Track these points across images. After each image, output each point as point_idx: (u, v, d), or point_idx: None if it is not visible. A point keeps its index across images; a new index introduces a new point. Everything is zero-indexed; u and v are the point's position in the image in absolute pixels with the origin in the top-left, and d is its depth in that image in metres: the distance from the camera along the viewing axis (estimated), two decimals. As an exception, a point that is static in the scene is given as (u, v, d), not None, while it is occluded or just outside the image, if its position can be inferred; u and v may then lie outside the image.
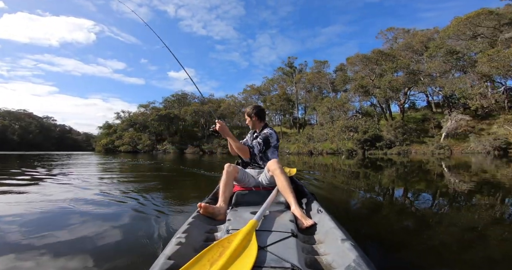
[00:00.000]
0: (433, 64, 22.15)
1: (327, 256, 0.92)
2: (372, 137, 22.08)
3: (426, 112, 24.06)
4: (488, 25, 20.42)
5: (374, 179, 4.90)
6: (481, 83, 19.19)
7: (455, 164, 8.42)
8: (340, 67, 32.91)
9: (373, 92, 24.48)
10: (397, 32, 33.65)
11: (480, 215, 2.13)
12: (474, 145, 16.64)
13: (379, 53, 25.85)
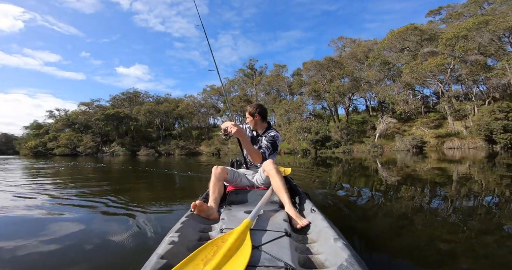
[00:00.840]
0: (371, 73, 25.69)
1: (320, 255, 0.93)
2: (322, 137, 24.32)
3: (365, 116, 27.81)
4: (413, 39, 24.28)
5: (334, 175, 5.44)
6: (404, 91, 23.15)
7: (386, 160, 9.79)
8: (297, 72, 35.23)
9: (324, 96, 27.01)
10: (346, 41, 37.66)
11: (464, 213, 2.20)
12: (399, 144, 19.93)
13: (330, 60, 28.63)
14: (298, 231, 1.20)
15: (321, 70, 28.84)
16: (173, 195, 3.38)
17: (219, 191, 1.56)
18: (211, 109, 38.26)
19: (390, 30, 27.23)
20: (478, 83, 20.45)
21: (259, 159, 1.78)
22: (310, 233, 1.17)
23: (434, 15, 30.66)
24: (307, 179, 4.63)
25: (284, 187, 1.48)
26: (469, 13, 25.84)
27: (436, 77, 20.73)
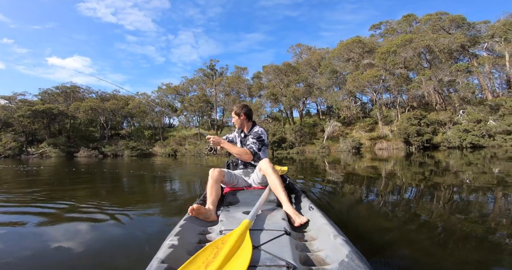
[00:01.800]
0: (322, 79, 28.36)
1: (320, 252, 0.93)
2: (279, 139, 25.76)
3: (316, 119, 30.62)
4: (357, 51, 27.25)
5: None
6: (348, 98, 26.35)
7: (332, 159, 10.99)
8: (257, 75, 36.31)
9: (281, 100, 28.60)
10: (303, 48, 40.36)
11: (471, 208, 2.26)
12: (342, 145, 22.61)
13: (288, 66, 30.44)
14: (297, 229, 1.20)
15: (280, 74, 30.47)
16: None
17: (216, 193, 1.57)
18: (166, 108, 36.17)
19: (340, 40, 30.50)
20: (401, 93, 24.74)
21: (249, 157, 1.83)
22: (309, 230, 1.18)
23: (375, 29, 33.34)
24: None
25: (281, 185, 1.51)
26: (401, 30, 29.61)
27: (372, 87, 24.25)
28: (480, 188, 3.16)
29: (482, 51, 23.86)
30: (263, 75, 34.40)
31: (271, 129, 26.06)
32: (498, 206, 2.41)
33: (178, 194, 3.54)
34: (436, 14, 25.60)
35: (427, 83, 21.05)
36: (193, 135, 33.24)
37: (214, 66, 38.56)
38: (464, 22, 23.85)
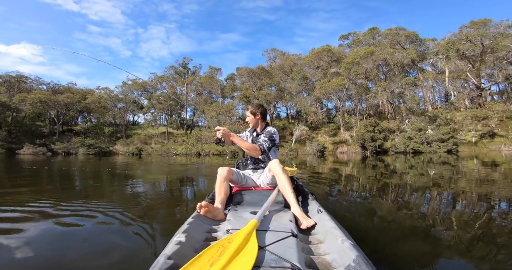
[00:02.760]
0: (293, 85, 29.76)
1: (327, 255, 0.93)
2: (250, 140, 26.20)
3: (285, 123, 32.05)
4: (326, 59, 29.06)
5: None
6: (315, 104, 28.14)
7: (299, 162, 11.52)
8: (231, 76, 36.44)
9: (253, 102, 29.22)
10: (277, 53, 41.62)
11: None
12: (308, 148, 24.06)
13: (262, 69, 31.24)
14: (304, 231, 1.21)
15: (253, 77, 31.12)
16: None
17: (225, 192, 1.59)
18: (131, 105, 34.01)
19: (312, 48, 32.26)
20: (361, 102, 27.36)
21: (258, 153, 1.83)
22: (316, 233, 1.18)
23: (344, 39, 35.09)
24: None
25: (290, 187, 1.51)
26: (365, 42, 32.11)
27: (336, 94, 26.33)
28: (419, 188, 3.90)
29: (428, 66, 27.69)
30: (237, 77, 34.73)
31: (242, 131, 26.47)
32: (433, 203, 2.83)
33: (140, 194, 3.60)
34: (395, 29, 28.67)
35: (382, 94, 23.72)
36: (161, 133, 31.91)
37: (187, 65, 37.63)
38: (417, 38, 27.29)
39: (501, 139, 18.96)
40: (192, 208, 2.43)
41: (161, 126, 34.79)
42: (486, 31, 22.15)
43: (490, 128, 19.68)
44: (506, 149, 17.80)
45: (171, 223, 2.09)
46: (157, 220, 2.18)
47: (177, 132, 33.83)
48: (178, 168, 8.87)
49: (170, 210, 2.60)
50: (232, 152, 25.11)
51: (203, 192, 3.75)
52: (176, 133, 33.24)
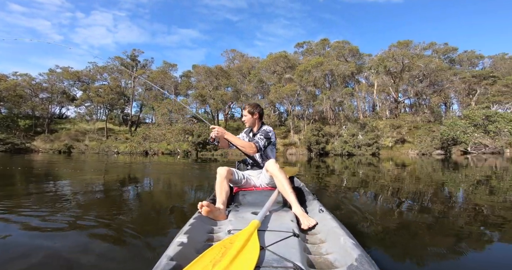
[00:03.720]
0: (249, 87, 30.51)
1: (329, 255, 0.92)
2: (204, 140, 25.64)
3: (240, 123, 32.57)
4: (282, 65, 30.60)
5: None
6: (269, 107, 29.54)
7: None
8: (187, 73, 34.82)
9: (209, 101, 28.68)
10: (236, 54, 41.80)
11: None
12: (262, 148, 25.03)
13: (220, 69, 30.92)
14: (306, 231, 1.21)
15: (210, 76, 30.59)
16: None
17: (225, 192, 1.58)
18: (59, 95, 28.81)
19: (270, 52, 33.56)
20: (309, 107, 30.11)
21: (253, 151, 1.82)
22: (318, 233, 1.18)
23: (299, 47, 36.50)
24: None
25: (289, 186, 1.50)
26: (317, 51, 34.84)
27: (288, 99, 28.25)
28: (351, 188, 4.36)
29: (362, 78, 32.47)
30: (193, 74, 33.48)
31: (196, 130, 25.70)
32: (362, 199, 3.14)
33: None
34: (342, 42, 32.46)
35: (326, 101, 26.69)
36: (98, 129, 28.03)
37: (137, 57, 34.14)
38: (357, 52, 31.58)
39: (409, 144, 23.84)
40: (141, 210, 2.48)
41: (98, 122, 30.54)
42: (406, 52, 27.46)
43: (402, 136, 24.57)
44: (412, 153, 22.38)
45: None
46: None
47: (119, 129, 30.37)
48: (118, 166, 8.27)
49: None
50: (185, 151, 24.10)
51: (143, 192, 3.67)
52: (118, 130, 29.82)
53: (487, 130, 19.96)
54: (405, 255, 1.40)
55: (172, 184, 4.51)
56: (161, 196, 3.44)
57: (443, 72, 26.27)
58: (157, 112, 27.44)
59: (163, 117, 26.89)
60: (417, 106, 30.30)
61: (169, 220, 2.09)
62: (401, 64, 26.99)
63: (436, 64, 25.89)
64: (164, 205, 2.71)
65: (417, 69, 26.76)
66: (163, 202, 2.96)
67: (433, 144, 20.63)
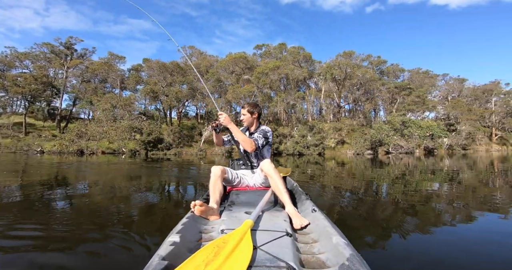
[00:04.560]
0: (207, 86, 29.72)
1: (321, 255, 0.92)
2: (155, 139, 23.81)
3: (195, 122, 31.58)
4: (241, 66, 30.84)
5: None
6: (226, 107, 29.43)
7: (208, 161, 11.98)
8: (137, 67, 31.76)
9: (161, 98, 26.76)
10: (195, 51, 40.21)
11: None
12: (217, 149, 24.65)
13: (176, 65, 29.15)
14: (299, 231, 1.21)
15: (164, 72, 28.59)
16: None
17: (219, 191, 1.56)
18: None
19: (229, 52, 33.38)
20: (264, 109, 31.26)
21: (251, 146, 1.78)
22: (311, 233, 1.17)
23: (258, 49, 37.11)
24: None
25: (283, 186, 1.50)
26: (275, 55, 36.10)
27: (245, 100, 28.69)
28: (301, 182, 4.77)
29: (312, 84, 35.50)
30: (145, 69, 30.72)
31: (145, 128, 23.66)
32: (314, 192, 3.47)
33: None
34: (298, 48, 34.60)
35: (281, 104, 28.17)
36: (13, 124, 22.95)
37: (73, 45, 29.24)
38: (310, 59, 34.21)
39: (347, 145, 27.14)
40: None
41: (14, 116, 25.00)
42: (349, 62, 31.21)
43: (342, 137, 27.84)
44: (349, 153, 25.39)
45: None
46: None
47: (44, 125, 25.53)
48: (43, 167, 7.09)
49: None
50: (132, 151, 21.83)
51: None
52: (42, 126, 25.02)
53: (403, 134, 24.37)
54: (396, 255, 1.45)
55: (116, 186, 4.10)
56: (92, 197, 3.16)
57: (374, 82, 30.90)
58: (97, 107, 24.11)
59: (105, 113, 23.81)
60: (354, 112, 34.81)
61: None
62: (344, 73, 30.60)
63: (370, 74, 30.29)
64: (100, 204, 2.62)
65: (356, 78, 30.79)
66: (98, 202, 2.85)
67: (365, 145, 23.95)
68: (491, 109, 30.36)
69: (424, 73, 36.12)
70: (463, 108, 29.36)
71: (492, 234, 1.83)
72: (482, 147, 27.06)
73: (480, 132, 27.83)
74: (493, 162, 10.12)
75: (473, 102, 31.89)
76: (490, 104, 31.07)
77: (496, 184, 4.37)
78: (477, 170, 7.01)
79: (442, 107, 30.80)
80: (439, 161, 11.75)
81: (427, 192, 3.67)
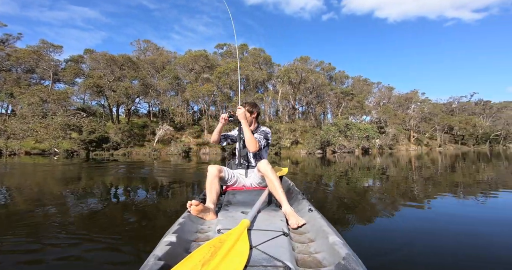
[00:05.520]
0: (162, 83, 27.90)
1: (317, 254, 0.92)
2: (98, 138, 21.25)
3: (147, 120, 29.43)
4: (201, 64, 29.82)
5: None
6: (183, 105, 28.25)
7: (162, 161, 11.34)
8: (77, 58, 27.60)
9: (107, 93, 23.97)
10: (150, 45, 37.12)
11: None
12: (173, 148, 23.50)
13: (128, 59, 26.44)
14: (295, 230, 1.20)
15: (113, 65, 25.61)
16: None
17: (216, 191, 1.56)
18: None
19: (188, 49, 31.80)
20: (223, 108, 31.15)
21: (255, 147, 1.77)
22: (307, 232, 1.17)
23: (219, 48, 36.66)
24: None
25: (280, 186, 1.50)
26: (236, 55, 37.69)
27: (204, 99, 28.03)
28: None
29: (271, 86, 36.91)
30: (87, 61, 26.98)
31: (86, 125, 20.89)
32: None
33: None
34: (259, 50, 35.10)
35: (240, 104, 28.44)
36: None
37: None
38: (270, 61, 35.27)
39: (301, 145, 29.21)
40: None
41: None
42: (305, 67, 33.45)
43: (296, 138, 29.86)
44: (302, 152, 27.34)
45: None
46: None
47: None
48: None
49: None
50: (69, 151, 18.90)
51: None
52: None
53: (346, 135, 27.57)
54: (391, 254, 1.49)
55: (46, 190, 3.69)
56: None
57: (325, 87, 34.02)
58: (20, 101, 20.10)
59: (32, 108, 20.04)
60: (307, 114, 37.71)
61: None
62: (300, 77, 32.79)
63: (322, 80, 33.24)
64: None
65: (309, 83, 33.37)
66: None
67: (315, 145, 26.23)
68: (411, 115, 36.99)
69: (363, 80, 41.45)
70: (390, 113, 34.89)
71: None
72: (403, 146, 32.61)
73: (402, 134, 33.64)
74: (411, 160, 12.16)
75: (398, 108, 38.19)
76: (410, 111, 37.83)
77: (414, 178, 5.25)
78: (399, 166, 8.19)
79: (376, 112, 36.01)
80: (373, 159, 13.52)
81: (364, 186, 4.32)
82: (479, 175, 5.62)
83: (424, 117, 37.61)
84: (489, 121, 39.97)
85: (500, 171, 6.36)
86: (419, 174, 5.91)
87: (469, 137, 38.01)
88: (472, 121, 38.31)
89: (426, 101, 40.23)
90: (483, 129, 38.12)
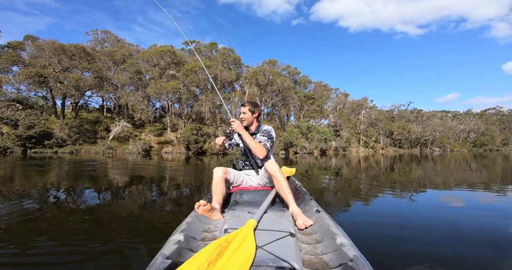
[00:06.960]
0: (122, 77, 25.63)
1: (324, 255, 0.91)
2: (39, 134, 18.59)
3: (99, 116, 26.86)
4: (167, 60, 28.11)
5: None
6: (144, 101, 26.51)
7: (118, 159, 10.75)
8: (16, 44, 23.49)
9: (52, 85, 21.03)
10: (110, 36, 33.66)
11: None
12: (131, 146, 21.91)
13: (80, 49, 23.45)
14: (302, 231, 1.18)
15: (61, 55, 22.51)
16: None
17: (221, 191, 1.55)
18: None
19: (153, 43, 29.73)
20: (188, 107, 30.23)
21: (263, 153, 1.73)
22: (314, 233, 1.15)
23: (187, 45, 34.91)
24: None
25: (287, 187, 1.48)
26: (205, 53, 34.86)
27: (168, 96, 26.73)
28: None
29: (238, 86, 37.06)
30: (31, 48, 23.19)
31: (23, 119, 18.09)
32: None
33: None
34: (228, 49, 34.71)
35: (206, 103, 27.94)
36: None
37: None
38: (239, 62, 35.23)
39: (268, 144, 30.20)
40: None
41: None
42: (272, 69, 34.30)
43: (263, 137, 30.60)
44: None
45: None
46: None
47: None
48: None
49: None
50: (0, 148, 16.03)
51: None
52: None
53: (307, 137, 29.47)
54: (400, 256, 1.45)
55: None
56: None
57: (290, 90, 35.63)
58: None
59: None
60: (272, 115, 39.09)
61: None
62: (267, 79, 33.69)
63: (288, 83, 34.71)
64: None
65: (275, 85, 34.58)
66: None
67: (279, 146, 27.42)
68: (361, 120, 41.41)
69: (324, 86, 44.63)
70: (345, 118, 38.45)
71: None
72: (354, 149, 36.28)
73: (354, 138, 37.48)
74: (360, 161, 13.30)
75: (351, 113, 42.35)
76: (361, 116, 42.32)
77: (363, 177, 5.75)
78: (351, 166, 8.88)
79: (333, 116, 39.31)
80: (329, 159, 14.51)
81: (323, 183, 4.67)
82: (411, 174, 6.54)
83: (371, 122, 42.40)
84: (420, 127, 47.16)
85: (427, 170, 7.54)
86: (366, 174, 6.55)
87: (405, 141, 44.20)
88: (407, 127, 44.68)
89: (374, 108, 45.42)
90: (416, 134, 44.83)
